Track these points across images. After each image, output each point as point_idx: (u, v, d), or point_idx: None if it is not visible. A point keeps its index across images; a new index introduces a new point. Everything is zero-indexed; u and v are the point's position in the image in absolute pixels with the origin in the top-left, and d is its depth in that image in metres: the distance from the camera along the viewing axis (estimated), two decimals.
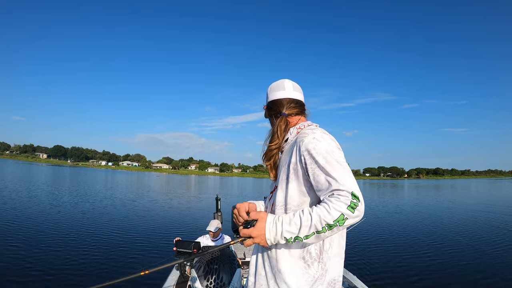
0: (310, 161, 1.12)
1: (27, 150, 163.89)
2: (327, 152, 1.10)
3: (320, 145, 1.12)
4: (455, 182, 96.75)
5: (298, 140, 1.20)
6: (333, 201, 1.01)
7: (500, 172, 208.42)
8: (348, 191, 1.01)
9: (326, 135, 1.20)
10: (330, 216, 0.99)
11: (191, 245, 3.18)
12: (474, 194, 37.52)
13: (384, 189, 48.45)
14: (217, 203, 6.00)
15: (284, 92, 1.40)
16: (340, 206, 0.99)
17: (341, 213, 0.99)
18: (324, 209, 1.01)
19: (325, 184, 1.07)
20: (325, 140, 1.15)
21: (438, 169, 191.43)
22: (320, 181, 1.08)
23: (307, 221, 1.03)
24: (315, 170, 1.10)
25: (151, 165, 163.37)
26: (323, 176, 1.07)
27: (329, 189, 1.05)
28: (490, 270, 6.86)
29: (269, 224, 1.10)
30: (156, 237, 9.21)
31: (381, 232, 11.14)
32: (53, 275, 5.63)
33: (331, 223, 0.99)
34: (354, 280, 3.02)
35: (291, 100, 1.39)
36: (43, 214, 11.72)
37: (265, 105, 1.46)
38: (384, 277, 6.25)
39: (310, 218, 1.02)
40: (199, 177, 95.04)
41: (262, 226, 1.10)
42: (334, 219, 0.99)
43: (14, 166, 66.66)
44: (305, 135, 1.19)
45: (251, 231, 1.11)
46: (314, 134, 1.17)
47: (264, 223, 1.10)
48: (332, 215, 0.99)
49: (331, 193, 1.04)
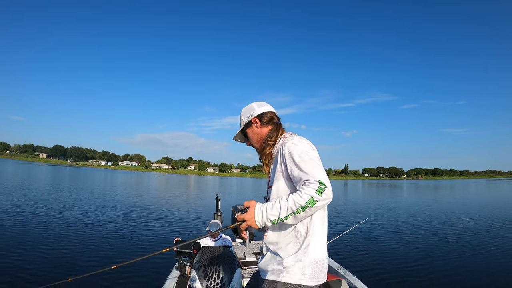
0: (289, 160, 1.46)
1: (26, 150, 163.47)
2: (302, 152, 1.44)
3: (297, 148, 1.47)
4: (453, 183, 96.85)
5: (281, 145, 1.57)
6: (304, 188, 1.31)
7: (499, 172, 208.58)
8: (316, 180, 1.31)
9: (303, 140, 1.55)
10: (302, 199, 1.29)
11: (191, 245, 3.18)
12: (473, 194, 37.57)
13: (383, 190, 48.49)
14: (217, 203, 5.99)
15: (268, 107, 1.78)
16: (310, 191, 1.29)
17: (310, 196, 1.28)
18: (297, 194, 1.31)
19: (298, 177, 1.38)
20: (301, 144, 1.50)
21: (437, 169, 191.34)
22: (295, 175, 1.41)
23: (284, 205, 1.33)
24: (292, 167, 1.43)
25: (150, 165, 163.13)
26: (297, 171, 1.40)
27: (301, 180, 1.36)
28: (489, 269, 6.88)
29: (257, 210, 1.41)
30: (156, 237, 9.21)
31: (381, 232, 11.15)
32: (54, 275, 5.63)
33: (303, 204, 1.28)
34: (354, 280, 3.02)
35: (274, 113, 1.77)
36: (46, 214, 11.71)
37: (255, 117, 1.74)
38: (384, 277, 6.26)
39: (287, 203, 1.33)
40: (198, 177, 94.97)
41: (252, 211, 1.42)
42: (306, 201, 1.28)
43: (14, 166, 66.54)
44: (286, 141, 1.55)
45: (244, 215, 1.43)
46: (292, 140, 1.53)
47: (254, 209, 1.42)
48: (303, 198, 1.28)
49: (303, 182, 1.34)
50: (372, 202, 23.25)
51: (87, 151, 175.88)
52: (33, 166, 79.56)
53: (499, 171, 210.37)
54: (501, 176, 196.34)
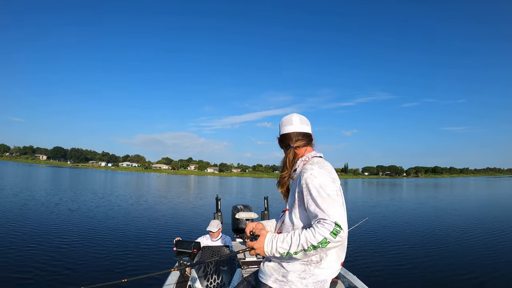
0: (306, 192, 1.40)
1: (27, 152, 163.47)
2: (320, 186, 1.37)
3: (316, 180, 1.39)
4: (453, 181, 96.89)
5: (301, 173, 1.48)
6: (319, 227, 1.27)
7: (499, 170, 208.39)
8: (332, 220, 1.26)
9: (323, 170, 1.45)
10: (314, 239, 1.26)
11: (191, 245, 3.18)
12: (472, 192, 37.58)
13: (383, 188, 48.50)
14: (217, 203, 6.01)
15: (292, 127, 1.67)
16: (324, 232, 1.25)
17: (324, 237, 1.25)
18: (311, 232, 1.28)
19: (314, 212, 1.34)
20: (321, 176, 1.41)
21: (436, 167, 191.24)
22: (311, 210, 1.36)
23: (296, 241, 1.31)
24: (308, 201, 1.38)
25: (150, 166, 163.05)
26: (313, 206, 1.35)
27: (317, 218, 1.31)
28: (489, 268, 6.89)
29: (267, 241, 1.39)
30: (156, 237, 9.21)
31: (381, 231, 11.16)
32: (54, 275, 5.63)
33: (315, 244, 1.26)
34: (354, 280, 3.02)
35: (299, 133, 1.66)
36: (49, 214, 11.72)
37: (278, 137, 1.74)
38: (384, 277, 6.26)
39: (299, 239, 1.30)
40: (198, 177, 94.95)
41: (262, 241, 1.41)
42: (318, 241, 1.25)
43: (16, 168, 66.52)
44: (305, 170, 1.47)
45: (253, 243, 1.42)
46: (312, 171, 1.44)
47: (264, 239, 1.41)
48: (316, 238, 1.25)
49: (318, 220, 1.30)
50: (372, 202, 23.26)
51: (87, 152, 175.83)
52: (33, 168, 79.52)
53: (498, 169, 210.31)
54: (501, 173, 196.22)
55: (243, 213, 5.14)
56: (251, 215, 5.08)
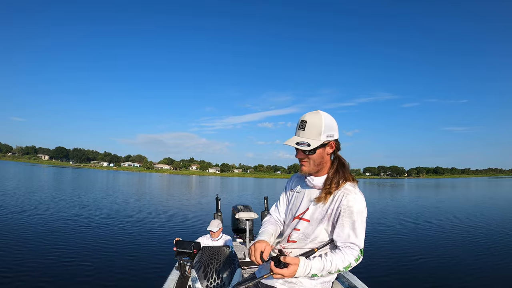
0: (346, 214, 1.44)
1: (29, 152, 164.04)
2: (361, 213, 1.45)
3: (359, 206, 1.46)
4: (454, 181, 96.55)
5: (342, 193, 1.48)
6: (347, 253, 1.41)
7: (500, 170, 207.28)
8: (359, 248, 1.43)
9: (363, 197, 1.51)
10: (342, 264, 1.39)
11: (191, 245, 3.19)
12: (473, 193, 37.43)
13: (384, 189, 48.38)
14: (217, 203, 6.02)
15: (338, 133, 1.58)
16: (351, 259, 1.40)
17: (350, 263, 1.40)
18: (341, 258, 1.39)
19: (347, 234, 1.43)
20: (362, 202, 1.48)
21: (438, 168, 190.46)
22: (343, 230, 1.44)
23: (328, 266, 1.38)
24: (345, 221, 1.44)
25: (152, 166, 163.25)
26: (348, 229, 1.43)
27: (347, 240, 1.43)
28: (490, 268, 6.87)
29: (301, 269, 1.35)
30: (156, 237, 9.23)
31: (381, 231, 11.14)
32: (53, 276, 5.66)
33: (341, 269, 1.39)
34: (354, 280, 3.01)
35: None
36: (53, 214, 11.76)
37: (333, 141, 1.54)
38: (384, 277, 6.25)
39: (331, 265, 1.38)
40: (200, 177, 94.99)
41: (294, 270, 1.34)
42: (344, 266, 1.39)
43: (17, 168, 66.76)
44: (348, 191, 1.48)
45: (283, 272, 1.32)
46: (355, 195, 1.47)
47: (297, 267, 1.34)
48: (344, 264, 1.39)
49: (348, 244, 1.42)
50: (372, 202, 23.20)
51: (89, 152, 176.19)
52: (36, 168, 79.77)
53: (500, 169, 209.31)
54: (503, 174, 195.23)
55: (243, 213, 5.14)
56: (251, 215, 5.08)
